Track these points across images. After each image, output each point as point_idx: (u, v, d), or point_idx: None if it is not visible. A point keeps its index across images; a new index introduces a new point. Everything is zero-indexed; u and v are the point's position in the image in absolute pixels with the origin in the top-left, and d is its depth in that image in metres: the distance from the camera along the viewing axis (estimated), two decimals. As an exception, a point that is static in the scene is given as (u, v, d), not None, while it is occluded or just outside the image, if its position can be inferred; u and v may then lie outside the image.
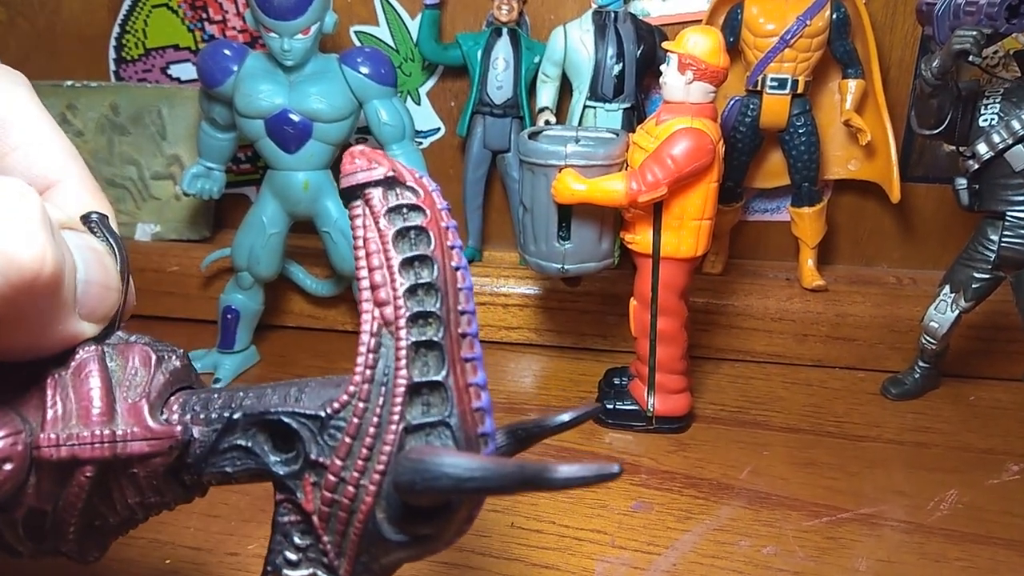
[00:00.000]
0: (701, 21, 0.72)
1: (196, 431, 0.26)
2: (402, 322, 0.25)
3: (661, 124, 0.58)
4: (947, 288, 0.66)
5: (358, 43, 0.80)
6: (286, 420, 0.25)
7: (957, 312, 0.66)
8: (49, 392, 0.25)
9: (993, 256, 0.63)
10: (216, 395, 0.27)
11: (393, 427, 0.24)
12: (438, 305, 0.25)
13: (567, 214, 0.62)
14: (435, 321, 0.25)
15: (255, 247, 0.70)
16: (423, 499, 0.24)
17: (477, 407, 0.26)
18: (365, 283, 0.25)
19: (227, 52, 0.67)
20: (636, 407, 0.65)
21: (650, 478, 0.59)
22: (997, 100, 0.61)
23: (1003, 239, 0.62)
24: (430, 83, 0.82)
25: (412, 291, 0.25)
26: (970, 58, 0.57)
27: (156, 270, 0.79)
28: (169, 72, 0.84)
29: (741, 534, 0.53)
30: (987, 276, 0.64)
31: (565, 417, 0.29)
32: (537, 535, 0.52)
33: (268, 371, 0.74)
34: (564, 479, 0.21)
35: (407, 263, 0.25)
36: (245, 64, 0.66)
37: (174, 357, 0.28)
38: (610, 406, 0.65)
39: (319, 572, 0.26)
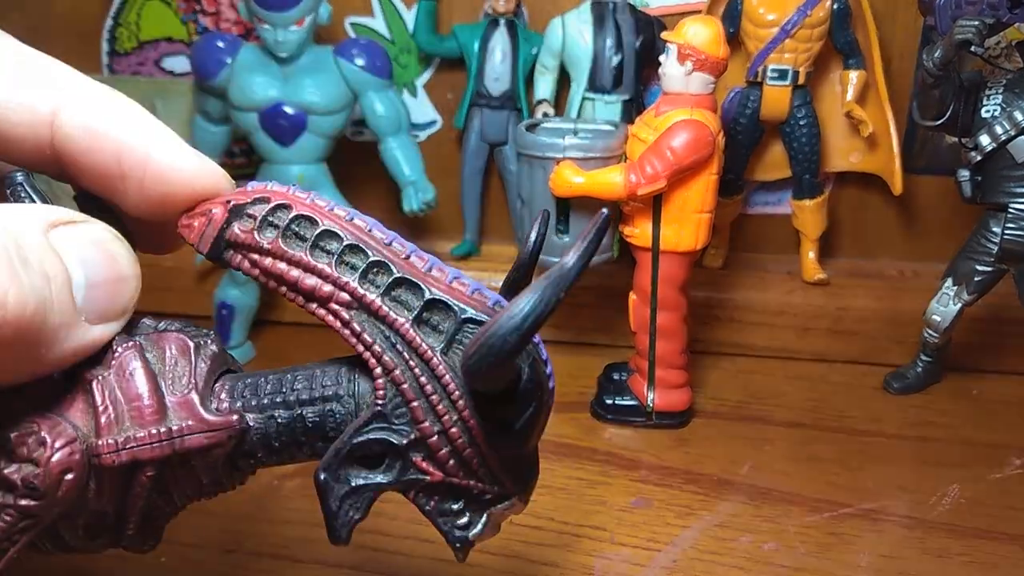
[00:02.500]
0: (701, 11, 0.71)
1: (250, 419, 0.26)
2: (358, 290, 0.25)
3: (660, 116, 0.57)
4: (949, 281, 0.66)
5: (353, 34, 0.79)
6: (358, 440, 0.26)
7: (960, 305, 0.65)
8: (97, 396, 0.24)
9: (996, 248, 0.62)
10: (263, 379, 0.27)
11: (433, 361, 0.25)
12: (370, 254, 0.25)
13: (565, 207, 0.62)
14: (379, 267, 0.25)
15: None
16: (499, 376, 0.24)
17: (472, 291, 0.26)
18: (296, 296, 0.26)
19: (221, 44, 0.66)
20: (636, 402, 0.64)
21: (650, 474, 0.58)
22: (999, 91, 0.61)
23: (1006, 231, 0.61)
24: (426, 75, 0.81)
25: (340, 263, 0.25)
26: (972, 48, 0.57)
27: (150, 265, 0.77)
28: (163, 65, 0.83)
29: (742, 530, 0.52)
30: (990, 269, 0.63)
31: (532, 238, 0.29)
32: (536, 531, 0.51)
33: (264, 367, 0.73)
34: (576, 262, 0.22)
35: (313, 248, 0.25)
36: (239, 56, 0.66)
37: (209, 342, 0.27)
38: (609, 401, 0.65)
39: (492, 509, 0.27)
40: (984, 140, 0.61)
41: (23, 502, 0.23)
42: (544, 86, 0.75)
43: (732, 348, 0.76)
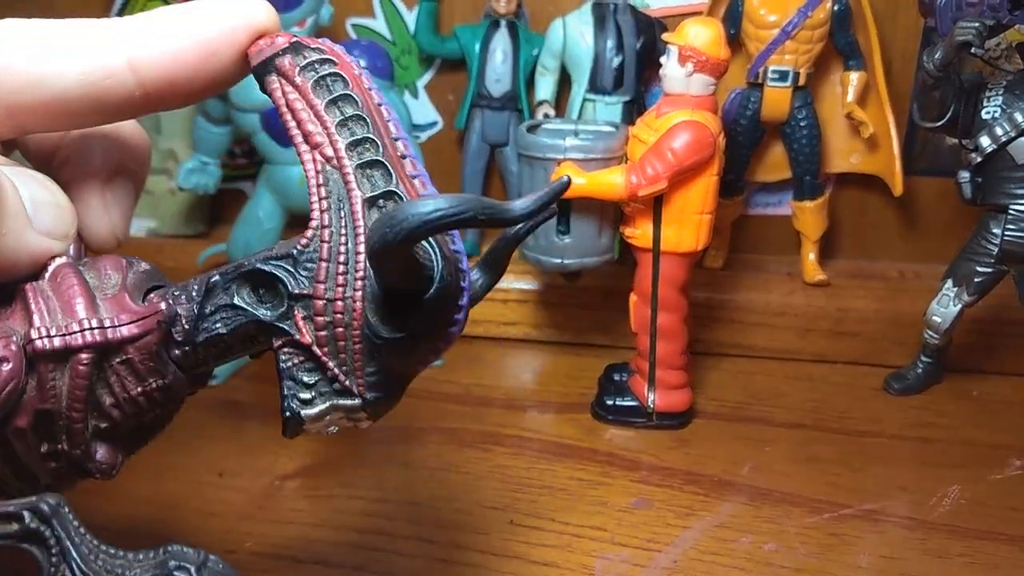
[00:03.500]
0: (702, 12, 0.71)
1: (180, 309, 0.27)
2: (342, 152, 0.26)
3: (661, 117, 0.57)
4: (950, 282, 0.66)
5: (354, 36, 0.80)
6: (261, 267, 0.27)
7: (960, 306, 0.65)
8: (31, 298, 0.26)
9: (996, 250, 0.62)
10: (194, 280, 0.28)
11: (360, 235, 0.26)
12: (370, 131, 0.27)
13: (566, 208, 0.62)
14: (371, 144, 0.27)
15: (252, 242, 0.70)
16: (399, 267, 0.24)
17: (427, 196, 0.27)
18: (296, 133, 0.27)
19: (222, 45, 0.66)
20: (636, 403, 0.64)
21: (650, 474, 0.58)
22: (1000, 92, 0.61)
23: (1006, 233, 0.61)
24: (428, 76, 0.81)
25: (342, 124, 0.27)
26: (972, 50, 0.57)
27: (152, 266, 0.78)
28: (165, 66, 0.83)
29: (742, 531, 0.52)
30: (990, 270, 0.63)
31: (525, 202, 0.26)
32: (536, 532, 0.51)
33: (265, 367, 0.73)
34: (521, 209, 0.24)
35: (331, 103, 0.27)
36: (241, 57, 0.66)
37: (143, 263, 0.29)
38: (610, 402, 0.65)
39: (336, 401, 0.27)
40: (984, 141, 0.61)
41: None
42: (545, 87, 0.75)
43: (733, 349, 0.76)
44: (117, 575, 0.24)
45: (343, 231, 0.26)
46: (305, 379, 0.27)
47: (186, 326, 0.27)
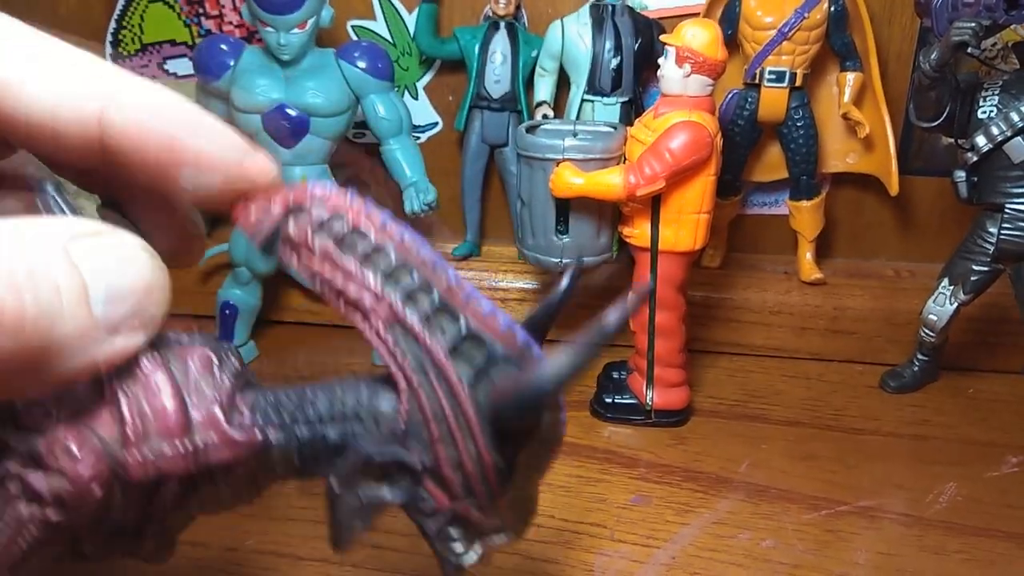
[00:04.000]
0: (699, 14, 0.72)
1: (272, 436, 0.26)
2: (400, 309, 0.25)
3: (659, 117, 0.58)
4: (946, 281, 0.66)
5: (355, 37, 0.80)
6: (379, 459, 0.26)
7: (956, 305, 0.65)
8: (124, 409, 0.24)
9: (992, 249, 0.63)
10: (284, 396, 0.27)
11: (459, 391, 0.25)
12: (415, 276, 0.25)
13: (565, 208, 0.62)
14: (423, 290, 0.26)
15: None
16: (525, 422, 0.26)
17: (504, 329, 0.26)
18: (340, 304, 0.26)
19: (223, 47, 0.67)
20: (635, 401, 0.65)
21: (649, 472, 0.59)
22: (996, 92, 0.61)
23: (1002, 231, 0.62)
24: (427, 77, 0.81)
25: (387, 280, 0.25)
26: (969, 50, 0.57)
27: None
28: (166, 67, 0.84)
29: (740, 527, 0.53)
30: (986, 269, 0.64)
31: (563, 284, 0.29)
32: (536, 528, 0.51)
33: (267, 366, 0.74)
34: (614, 324, 0.24)
35: (365, 261, 0.25)
36: (242, 59, 0.66)
37: (231, 356, 0.27)
38: (608, 400, 0.65)
39: (489, 542, 0.27)
40: (980, 141, 0.61)
41: (49, 512, 0.23)
42: (544, 88, 0.75)
43: (730, 347, 0.76)
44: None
45: (437, 388, 0.25)
46: (454, 534, 0.27)
47: (279, 455, 0.26)
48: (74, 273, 0.22)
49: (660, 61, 0.58)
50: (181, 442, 0.24)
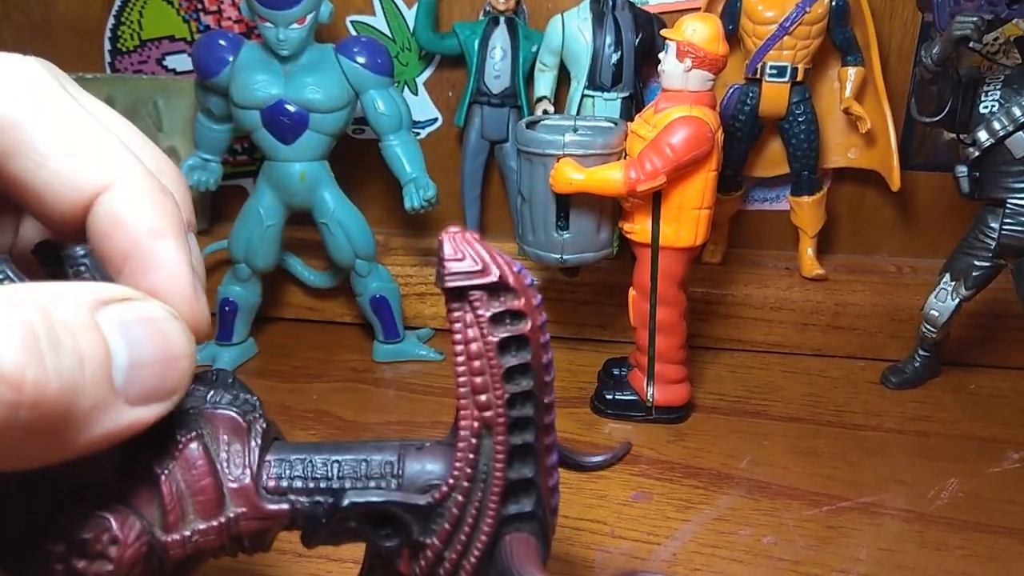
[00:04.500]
0: (700, 8, 0.72)
1: (298, 502, 0.27)
2: (502, 428, 0.27)
3: (660, 112, 0.58)
4: (947, 276, 0.66)
5: (354, 33, 0.80)
6: (398, 513, 0.27)
7: (957, 300, 0.65)
8: (165, 491, 0.25)
9: (993, 244, 0.62)
10: (311, 463, 0.28)
11: (491, 520, 0.27)
12: (534, 410, 0.27)
13: (565, 204, 0.62)
14: (531, 427, 0.27)
15: (252, 239, 0.70)
16: None
17: (554, 505, 0.29)
18: (466, 385, 0.26)
19: (222, 43, 0.66)
20: (635, 397, 0.64)
21: (650, 468, 0.59)
22: (997, 87, 0.61)
23: (1003, 227, 0.62)
24: (427, 73, 0.81)
25: (513, 401, 0.27)
26: (970, 44, 0.57)
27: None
28: (165, 63, 0.83)
29: (741, 523, 0.53)
30: (987, 264, 0.64)
31: (598, 459, 0.33)
32: (537, 526, 0.52)
33: (266, 363, 0.74)
34: None
35: (509, 373, 0.27)
36: (240, 54, 0.66)
37: (259, 418, 0.28)
38: (609, 396, 0.65)
39: None
40: (982, 136, 0.61)
41: None
42: (544, 83, 0.75)
43: (731, 343, 0.76)
44: None
45: (476, 506, 0.27)
46: None
47: (300, 522, 0.27)
48: (100, 342, 0.21)
49: (661, 56, 0.58)
50: (216, 518, 0.26)
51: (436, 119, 0.83)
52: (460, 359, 0.27)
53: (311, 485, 0.27)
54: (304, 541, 0.28)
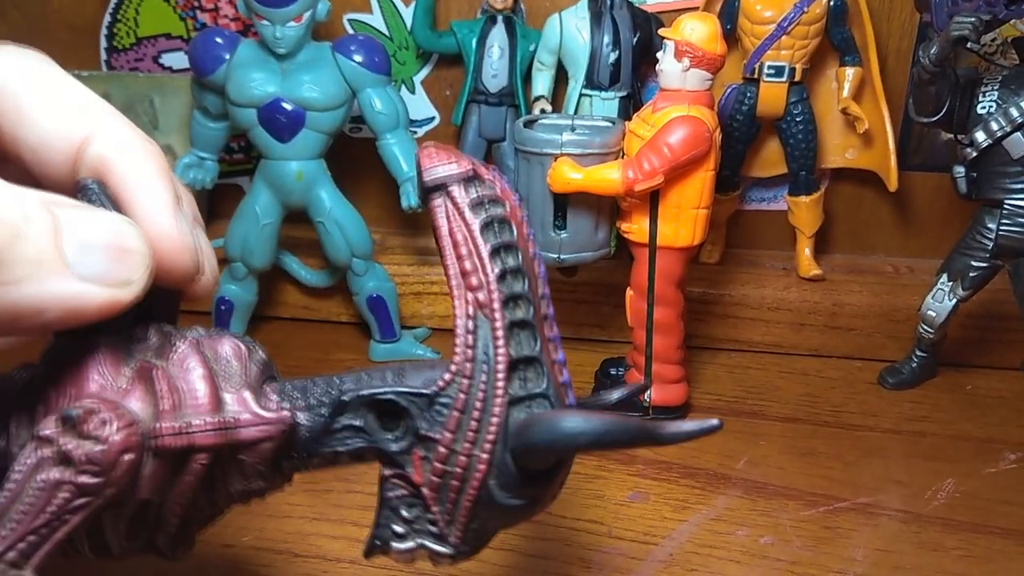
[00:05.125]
0: (698, 8, 0.72)
1: (300, 416, 0.27)
2: (496, 304, 0.27)
3: (657, 112, 0.57)
4: (945, 277, 0.66)
5: (351, 31, 0.79)
6: (396, 399, 0.27)
7: (955, 301, 0.65)
8: (157, 384, 0.26)
9: (991, 244, 0.62)
10: (312, 382, 0.28)
11: (499, 400, 0.26)
12: (526, 288, 0.27)
13: (563, 203, 0.62)
14: (524, 303, 0.27)
15: (248, 237, 0.70)
16: (541, 459, 0.26)
17: (563, 382, 0.28)
18: (454, 270, 0.27)
19: (219, 40, 0.66)
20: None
21: (647, 468, 0.58)
22: (995, 88, 0.61)
23: (1001, 227, 0.62)
24: (424, 71, 0.81)
25: (502, 276, 0.27)
26: (968, 45, 0.57)
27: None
28: (161, 61, 0.83)
29: (738, 524, 0.52)
30: (985, 265, 0.64)
31: (614, 395, 0.31)
32: (533, 525, 0.52)
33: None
34: (671, 435, 0.25)
35: (495, 251, 0.27)
36: (237, 52, 0.66)
37: (258, 349, 0.29)
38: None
39: (426, 542, 0.28)
40: (980, 136, 0.61)
41: (82, 478, 0.24)
42: (542, 82, 0.75)
43: (728, 343, 0.76)
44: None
45: (483, 388, 0.26)
46: (404, 514, 0.28)
47: (306, 435, 0.27)
48: (44, 214, 0.24)
49: (659, 55, 0.58)
50: (212, 416, 0.26)
51: (433, 118, 0.82)
52: (446, 248, 0.27)
53: (312, 401, 0.27)
54: (301, 463, 0.28)
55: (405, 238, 0.82)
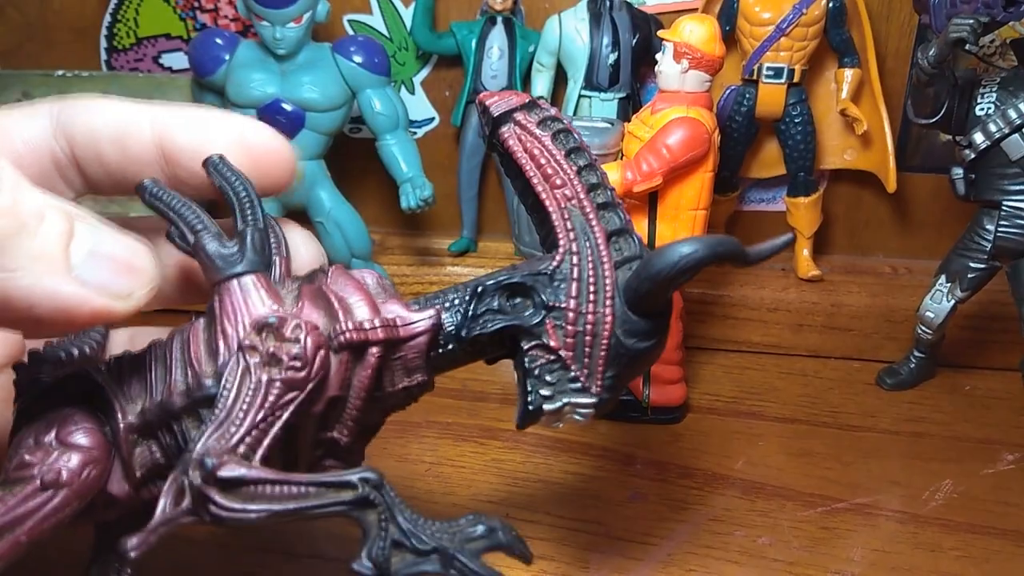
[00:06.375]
0: (697, 9, 0.72)
1: (444, 315, 0.31)
2: (582, 194, 0.32)
3: (656, 113, 0.58)
4: (943, 278, 0.66)
5: (351, 32, 0.80)
6: (523, 280, 0.31)
7: (953, 302, 0.65)
8: (332, 297, 0.30)
9: (989, 246, 0.63)
10: (443, 292, 0.32)
11: (606, 264, 0.31)
12: (600, 178, 0.33)
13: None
14: (603, 189, 0.33)
15: (248, 238, 0.70)
16: (661, 293, 0.31)
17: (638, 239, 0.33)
18: (538, 178, 0.32)
19: (219, 41, 0.66)
20: (631, 397, 0.64)
21: (645, 468, 0.59)
22: (994, 89, 0.61)
23: (999, 229, 0.62)
24: (424, 72, 0.81)
25: (579, 172, 0.32)
26: (967, 47, 0.57)
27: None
28: (161, 61, 0.83)
29: (736, 524, 0.53)
30: (983, 266, 0.64)
31: (762, 247, 0.34)
32: (532, 526, 0.52)
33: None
34: (756, 254, 0.31)
35: (569, 154, 0.33)
36: (237, 53, 0.66)
37: (385, 279, 0.33)
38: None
39: (573, 399, 0.32)
40: (978, 138, 0.61)
41: (289, 374, 0.28)
42: (541, 84, 0.75)
43: (727, 344, 0.76)
44: (436, 537, 0.27)
45: (590, 258, 0.31)
46: (548, 379, 0.31)
47: (453, 328, 0.31)
48: (62, 220, 0.25)
49: (658, 57, 0.58)
50: (378, 316, 0.30)
51: (433, 119, 0.82)
52: (525, 164, 0.32)
53: (448, 304, 0.32)
54: (447, 356, 0.32)
55: (405, 238, 0.83)
